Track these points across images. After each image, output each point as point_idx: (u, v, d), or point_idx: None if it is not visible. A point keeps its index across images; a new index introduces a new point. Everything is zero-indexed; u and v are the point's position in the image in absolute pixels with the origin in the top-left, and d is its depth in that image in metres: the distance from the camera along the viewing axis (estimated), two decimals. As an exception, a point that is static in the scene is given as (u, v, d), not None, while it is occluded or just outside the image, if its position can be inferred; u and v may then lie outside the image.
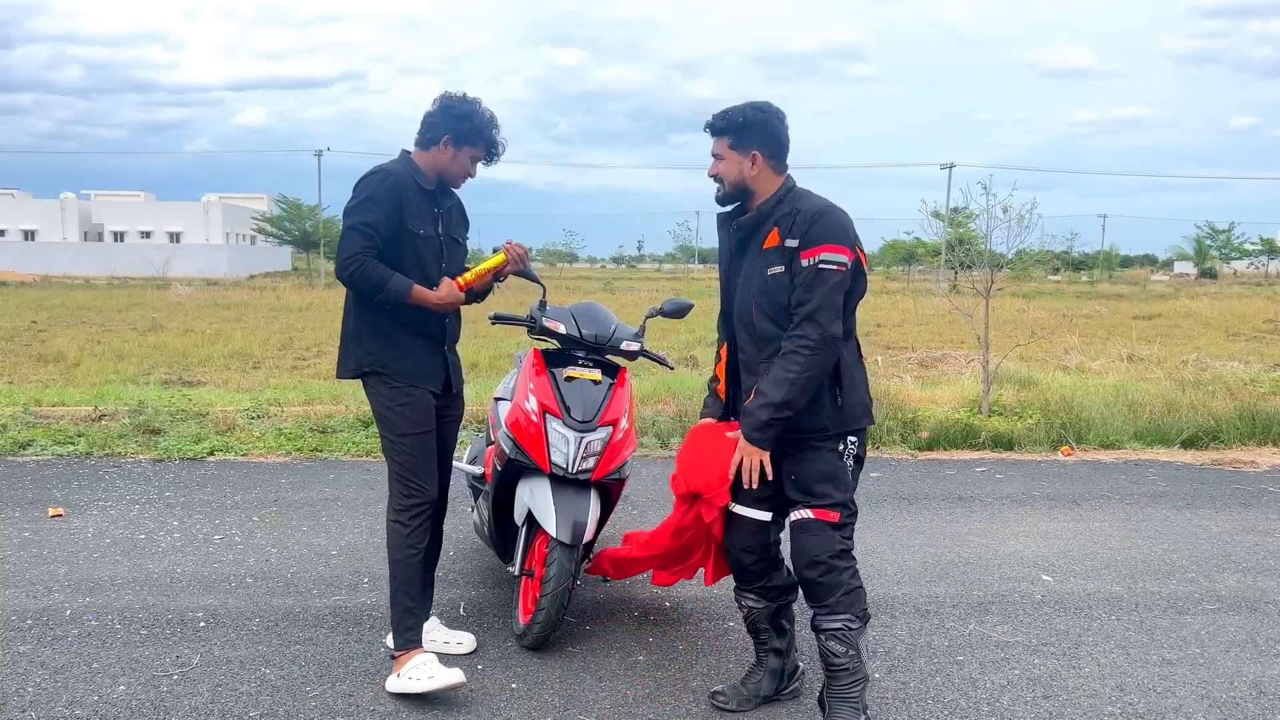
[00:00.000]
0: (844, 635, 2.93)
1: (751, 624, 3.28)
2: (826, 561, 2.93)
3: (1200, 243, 74.72)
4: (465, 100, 3.37)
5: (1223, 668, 3.57)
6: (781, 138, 3.08)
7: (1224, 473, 6.70)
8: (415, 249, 3.32)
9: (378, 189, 3.24)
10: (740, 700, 3.20)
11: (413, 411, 3.35)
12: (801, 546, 2.96)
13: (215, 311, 21.32)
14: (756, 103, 3.09)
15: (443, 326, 3.46)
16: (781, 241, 2.95)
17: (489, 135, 3.39)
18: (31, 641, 3.59)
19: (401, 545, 3.34)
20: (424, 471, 3.38)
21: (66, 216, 65.20)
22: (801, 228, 2.92)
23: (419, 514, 3.36)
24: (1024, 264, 14.98)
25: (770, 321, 2.99)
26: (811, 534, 2.94)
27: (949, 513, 5.57)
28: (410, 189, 3.31)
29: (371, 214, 3.21)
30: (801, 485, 2.99)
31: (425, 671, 3.19)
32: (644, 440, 7.07)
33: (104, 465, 6.28)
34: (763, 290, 2.99)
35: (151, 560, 4.49)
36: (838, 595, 2.93)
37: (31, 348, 13.33)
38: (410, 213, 3.29)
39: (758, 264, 3.02)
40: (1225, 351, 14.07)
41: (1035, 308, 23.50)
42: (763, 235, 3.02)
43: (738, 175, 3.06)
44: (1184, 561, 4.76)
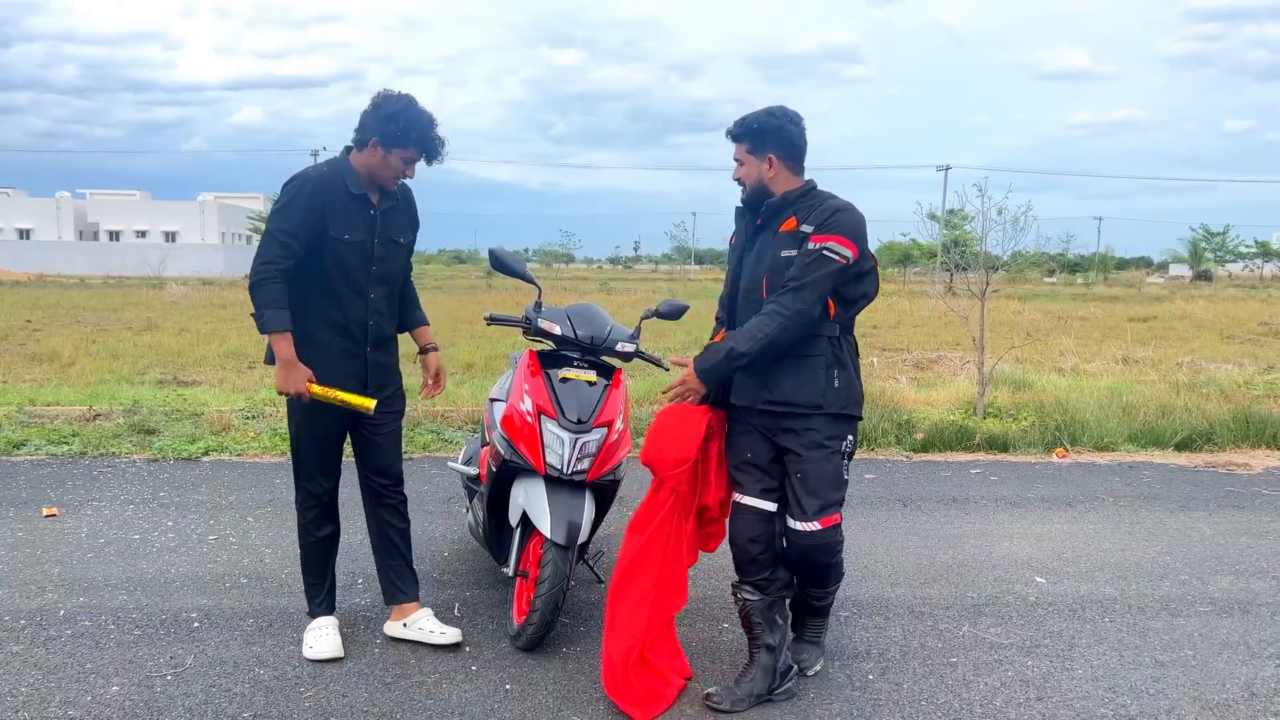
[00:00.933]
0: (829, 595, 3.46)
1: (746, 617, 3.34)
2: (829, 562, 3.29)
3: (1195, 245, 74.92)
4: (397, 99, 3.28)
5: (1215, 669, 3.58)
6: (796, 140, 3.24)
7: (1218, 475, 6.72)
8: (339, 254, 3.30)
9: (298, 194, 3.23)
10: (734, 700, 3.22)
11: (310, 412, 3.39)
12: (808, 554, 3.22)
13: (211, 311, 21.28)
14: (771, 108, 3.26)
15: (364, 327, 3.43)
16: (799, 227, 3.15)
17: (420, 136, 3.29)
18: (25, 642, 3.58)
19: (300, 528, 3.61)
20: (317, 472, 3.53)
21: (62, 215, 65.11)
22: (819, 217, 3.13)
23: (310, 509, 3.56)
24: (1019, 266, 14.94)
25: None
26: (821, 544, 3.20)
27: (943, 514, 5.57)
28: (336, 193, 3.27)
29: (290, 220, 3.21)
30: (810, 488, 3.17)
31: (316, 636, 3.52)
32: (639, 441, 7.05)
33: (98, 465, 6.27)
34: (773, 269, 3.18)
35: (146, 560, 4.48)
36: (833, 577, 3.39)
37: (26, 347, 13.30)
38: (334, 218, 3.26)
39: (772, 244, 3.21)
40: (1220, 354, 14.10)
41: (1031, 310, 23.56)
42: (780, 220, 3.21)
43: (757, 178, 3.25)
44: (1177, 564, 4.77)
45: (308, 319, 3.31)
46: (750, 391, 3.25)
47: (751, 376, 3.23)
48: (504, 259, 3.82)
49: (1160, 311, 25.92)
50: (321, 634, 3.53)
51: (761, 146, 3.23)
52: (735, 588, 3.35)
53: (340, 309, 3.36)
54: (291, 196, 3.23)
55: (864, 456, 6.97)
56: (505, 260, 3.81)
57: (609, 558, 4.64)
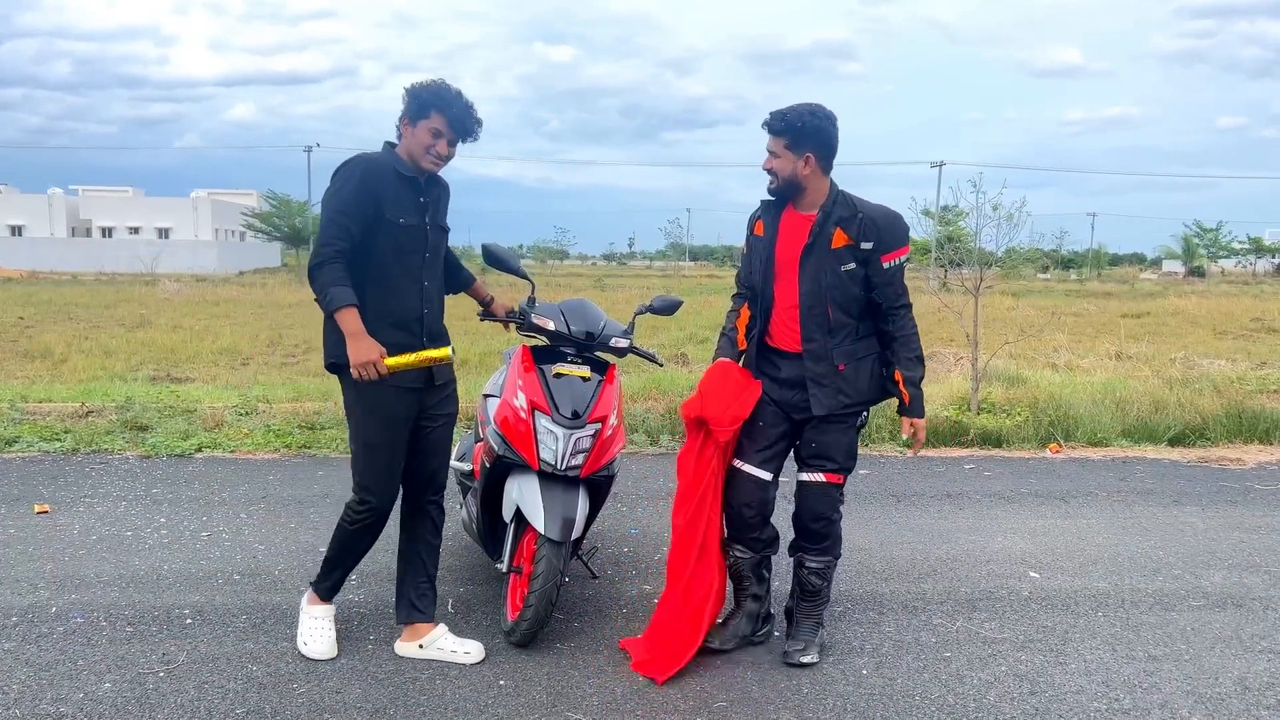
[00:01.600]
0: (824, 571, 3.56)
1: (736, 572, 3.66)
2: (828, 517, 3.52)
3: (1188, 241, 75.13)
4: (426, 82, 3.29)
5: (1208, 664, 3.59)
6: (834, 143, 3.39)
7: (1210, 470, 6.74)
8: (395, 239, 3.26)
9: (351, 176, 3.20)
10: (722, 640, 3.60)
11: (381, 415, 3.30)
12: (810, 505, 3.50)
13: (204, 308, 21.24)
14: (814, 107, 3.38)
15: (420, 320, 3.38)
16: (855, 243, 3.36)
17: (441, 103, 3.25)
18: (16, 639, 3.57)
19: (342, 536, 3.46)
20: (382, 483, 3.36)
21: (54, 212, 64.81)
22: (875, 233, 3.36)
23: (364, 522, 3.39)
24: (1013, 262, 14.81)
25: (843, 312, 3.41)
26: (820, 494, 3.49)
27: (937, 510, 5.58)
28: (388, 177, 3.25)
29: (345, 202, 3.17)
30: (822, 453, 3.48)
31: (312, 631, 3.47)
32: (633, 437, 7.07)
33: (91, 462, 6.24)
34: (837, 285, 3.38)
35: (138, 557, 4.47)
36: (829, 541, 3.55)
37: (19, 344, 13.26)
38: (388, 200, 3.23)
39: (829, 262, 3.38)
40: (1213, 350, 14.14)
41: (1024, 306, 23.60)
42: (828, 235, 3.38)
43: (791, 173, 3.38)
44: (1170, 558, 4.78)
45: (365, 315, 3.20)
46: (828, 399, 3.45)
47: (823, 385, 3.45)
48: (498, 255, 3.80)
49: (1153, 308, 25.98)
50: (318, 629, 3.48)
51: (801, 144, 3.34)
52: (726, 545, 3.64)
53: (398, 300, 3.30)
54: (344, 179, 3.20)
55: (858, 452, 6.97)
56: (499, 256, 3.80)
57: (602, 553, 4.64)
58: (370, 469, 3.35)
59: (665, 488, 5.91)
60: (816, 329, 3.42)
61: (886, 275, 3.39)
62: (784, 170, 3.38)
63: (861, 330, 3.48)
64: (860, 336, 3.48)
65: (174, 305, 21.99)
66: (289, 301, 24.05)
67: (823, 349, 3.43)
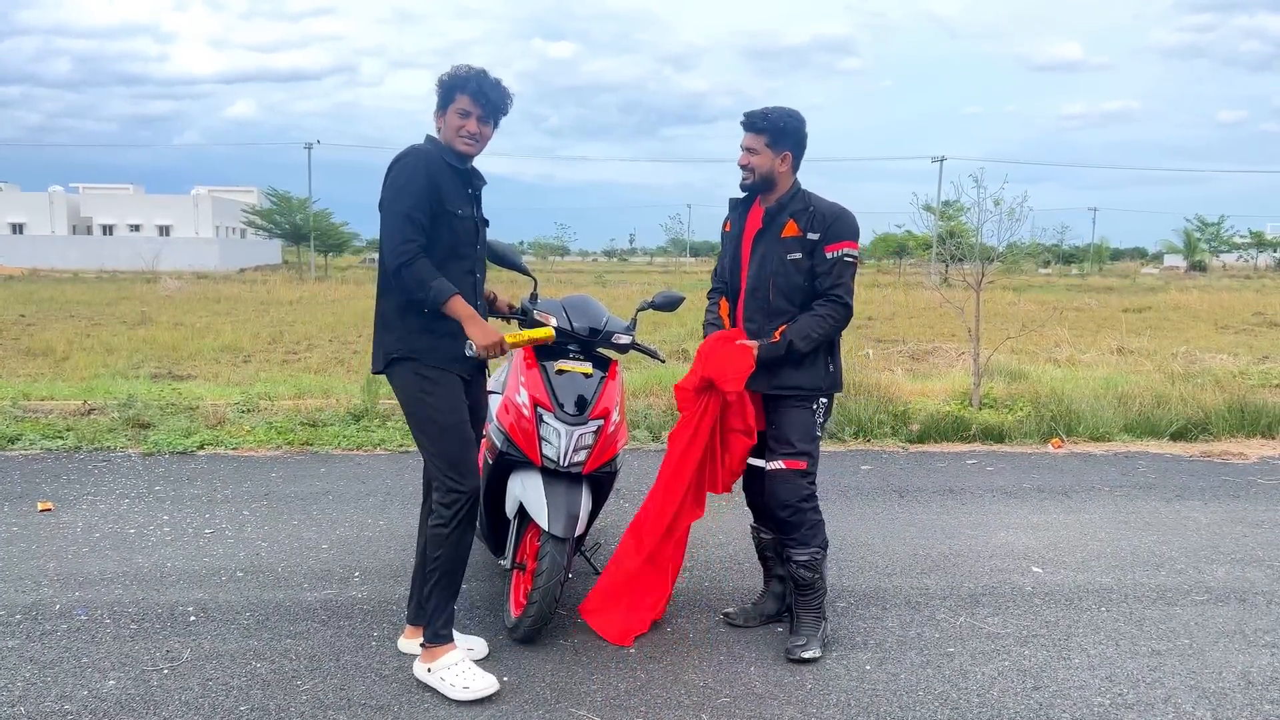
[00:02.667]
0: (811, 563, 3.58)
1: (761, 551, 3.91)
2: (795, 505, 3.56)
3: (1190, 236, 75.02)
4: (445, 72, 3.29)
5: (1211, 658, 3.59)
6: (805, 145, 3.62)
7: (1213, 464, 6.73)
8: (453, 230, 3.24)
9: (416, 170, 3.16)
10: (747, 618, 3.81)
11: (444, 399, 3.24)
12: (774, 493, 3.59)
13: (205, 305, 21.24)
14: (792, 111, 3.57)
15: (481, 314, 3.36)
16: (803, 234, 3.52)
17: (463, 83, 3.23)
18: (20, 636, 3.57)
19: (441, 544, 3.23)
20: (462, 464, 3.23)
21: (55, 210, 64.80)
22: (823, 225, 3.52)
23: (460, 510, 3.21)
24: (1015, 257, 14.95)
25: (784, 298, 3.55)
26: (784, 482, 3.56)
27: (939, 505, 5.58)
28: (444, 169, 3.23)
29: (415, 196, 3.13)
30: (779, 435, 3.58)
31: (460, 676, 3.17)
32: (636, 433, 7.07)
33: (93, 459, 6.25)
34: (781, 272, 3.54)
35: (141, 554, 4.47)
36: (804, 530, 3.57)
37: (20, 341, 13.26)
38: (447, 192, 3.22)
39: (777, 249, 3.56)
40: (1214, 344, 14.13)
41: (1026, 300, 23.59)
42: (780, 224, 3.56)
43: (769, 169, 3.57)
44: (1173, 553, 4.78)
45: (430, 312, 3.17)
46: (761, 380, 3.55)
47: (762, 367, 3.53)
48: (500, 251, 3.80)
49: (1155, 302, 25.97)
50: (464, 672, 3.20)
51: (781, 143, 3.54)
52: (753, 528, 3.92)
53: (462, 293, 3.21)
54: (409, 174, 3.16)
55: (860, 448, 6.98)
56: (501, 253, 3.80)
57: (606, 550, 4.64)
58: (449, 450, 3.22)
59: (667, 484, 5.90)
60: (758, 310, 3.59)
61: (827, 264, 3.51)
62: (762, 166, 3.56)
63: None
64: None
65: (175, 302, 21.99)
66: (290, 298, 24.06)
67: (761, 331, 3.56)
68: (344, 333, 15.44)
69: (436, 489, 3.27)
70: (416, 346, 3.21)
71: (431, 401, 3.23)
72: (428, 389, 3.23)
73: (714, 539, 4.86)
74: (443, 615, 3.27)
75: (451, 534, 3.23)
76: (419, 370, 3.21)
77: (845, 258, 3.52)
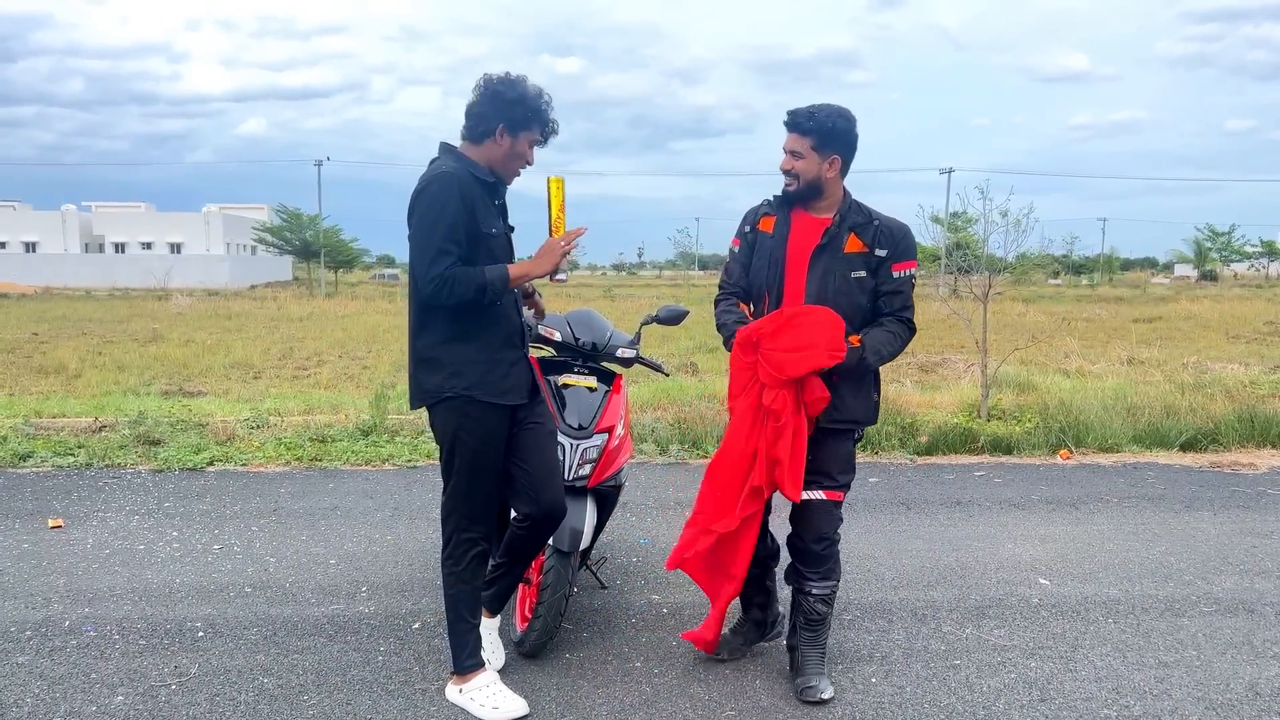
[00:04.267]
0: (829, 597, 3.42)
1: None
2: (830, 537, 3.37)
3: (1200, 245, 74.73)
4: (513, 83, 3.07)
5: (1219, 670, 3.57)
6: (856, 146, 3.29)
7: (1223, 475, 6.70)
8: (490, 250, 3.08)
9: (449, 196, 2.98)
10: (731, 650, 3.63)
11: (484, 439, 3.12)
12: (812, 523, 3.36)
13: (216, 322, 21.35)
14: (843, 110, 3.24)
15: (522, 333, 3.25)
16: (870, 250, 3.26)
17: (545, 115, 3.12)
18: (30, 652, 3.60)
19: (454, 582, 3.21)
20: (488, 508, 3.21)
21: (68, 228, 65.31)
22: (890, 241, 3.27)
23: (469, 551, 3.19)
24: (1023, 268, 14.93)
25: (846, 320, 3.21)
26: (825, 513, 3.35)
27: (947, 517, 5.57)
28: (475, 188, 3.05)
29: (452, 227, 2.97)
30: (820, 467, 3.32)
31: (491, 697, 3.18)
32: (641, 447, 7.08)
33: (104, 476, 6.29)
34: (843, 290, 3.26)
35: (150, 571, 4.50)
36: (830, 564, 3.40)
37: (33, 359, 13.35)
38: (480, 213, 3.05)
39: (839, 265, 3.26)
40: (1225, 354, 14.07)
41: (1035, 311, 23.54)
42: (842, 239, 3.27)
43: (815, 175, 3.24)
44: (1181, 564, 4.76)
45: (475, 334, 3.08)
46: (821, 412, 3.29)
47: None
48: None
49: (1165, 312, 25.88)
50: (493, 694, 3.20)
51: (829, 146, 3.21)
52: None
53: (505, 316, 3.15)
54: (442, 201, 2.97)
55: (867, 460, 6.97)
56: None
57: (611, 564, 4.65)
58: (478, 497, 3.17)
59: (674, 497, 5.91)
60: None
61: (895, 283, 3.30)
62: (808, 172, 3.22)
63: None
64: None
65: (186, 319, 22.12)
66: (300, 315, 24.17)
67: None
68: (353, 348, 15.51)
69: (450, 530, 3.20)
70: (471, 381, 3.06)
71: (472, 443, 3.11)
72: (470, 428, 3.09)
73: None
74: (466, 648, 3.25)
75: (465, 571, 3.21)
76: (467, 409, 3.08)
77: (913, 279, 3.34)
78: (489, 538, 3.25)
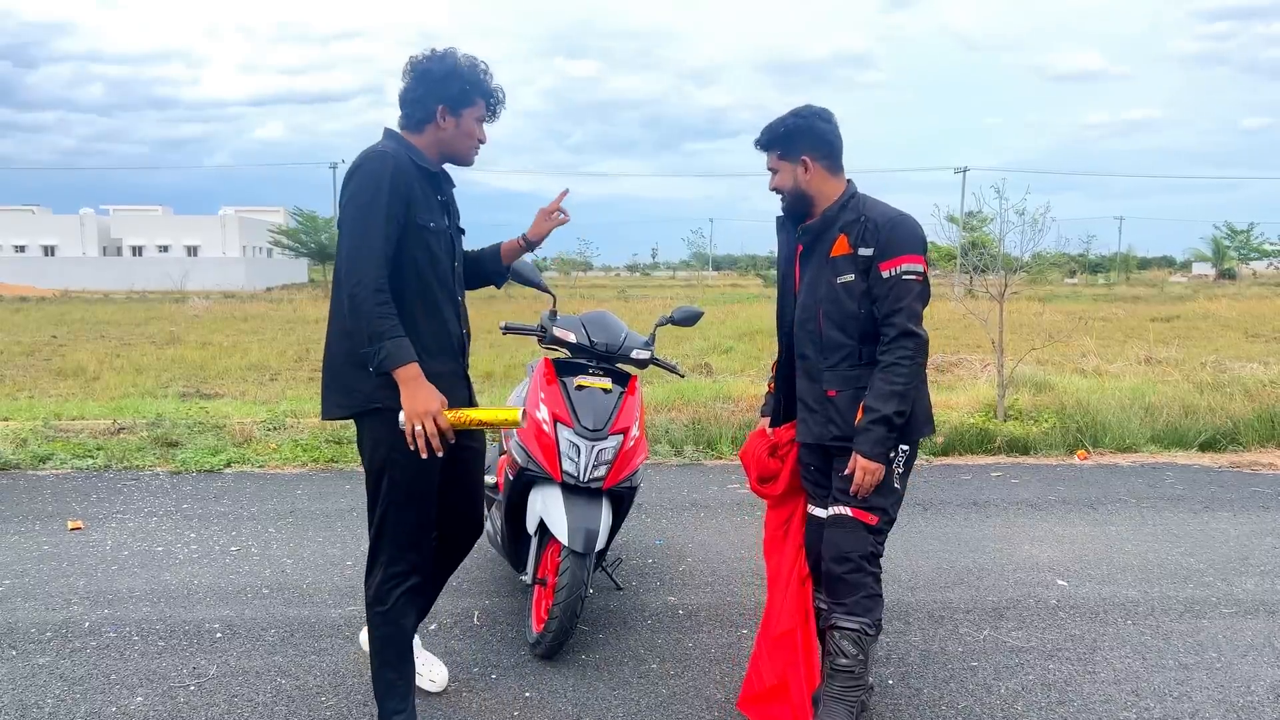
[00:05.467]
0: (859, 638, 2.93)
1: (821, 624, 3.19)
2: (855, 560, 2.94)
3: (1218, 243, 74.12)
4: (441, 57, 2.80)
5: (1240, 672, 3.54)
6: (828, 136, 3.03)
7: (1242, 475, 6.65)
8: (427, 246, 2.80)
9: (380, 182, 2.67)
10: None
11: (422, 464, 2.74)
12: (834, 540, 2.97)
13: (232, 324, 21.47)
14: (797, 109, 3.05)
15: (463, 342, 3.00)
16: (854, 250, 2.92)
17: (485, 85, 2.84)
18: (51, 653, 3.63)
19: (379, 624, 2.87)
20: (421, 538, 2.88)
21: (86, 232, 65.86)
22: (876, 236, 2.89)
23: (400, 585, 2.86)
24: (1040, 267, 14.81)
25: (838, 329, 2.96)
26: (846, 530, 2.95)
27: (964, 518, 5.54)
28: (413, 174, 2.76)
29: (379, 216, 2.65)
30: (848, 486, 2.95)
31: None
32: (656, 448, 7.07)
33: (122, 478, 6.33)
34: (830, 298, 2.96)
35: (169, 572, 4.53)
36: (859, 596, 2.94)
37: (51, 362, 13.46)
38: (417, 202, 2.76)
39: (824, 271, 2.98)
40: (1244, 353, 13.95)
41: (1051, 311, 23.39)
42: (828, 242, 2.98)
43: (793, 184, 3.03)
44: (1201, 565, 4.72)
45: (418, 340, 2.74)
46: (816, 427, 3.03)
47: (813, 411, 3.04)
48: (520, 269, 3.82)
49: (1183, 311, 25.68)
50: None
51: (793, 150, 3.01)
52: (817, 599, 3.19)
53: (440, 322, 2.87)
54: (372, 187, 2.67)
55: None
56: (521, 271, 3.82)
57: (626, 565, 4.65)
58: (407, 526, 2.85)
59: (688, 499, 5.91)
60: (809, 343, 3.04)
61: (883, 284, 2.88)
62: (786, 183, 3.04)
63: (866, 356, 2.96)
64: (864, 363, 2.96)
65: (203, 322, 22.25)
66: (316, 316, 24.26)
67: (814, 368, 3.03)
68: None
69: (380, 561, 2.87)
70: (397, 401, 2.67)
71: (404, 462, 2.75)
72: (399, 449, 2.73)
73: (735, 552, 4.86)
74: (393, 699, 2.92)
75: (390, 612, 2.87)
76: (397, 428, 2.70)
77: (905, 275, 2.86)
78: (422, 568, 2.90)
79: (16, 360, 13.80)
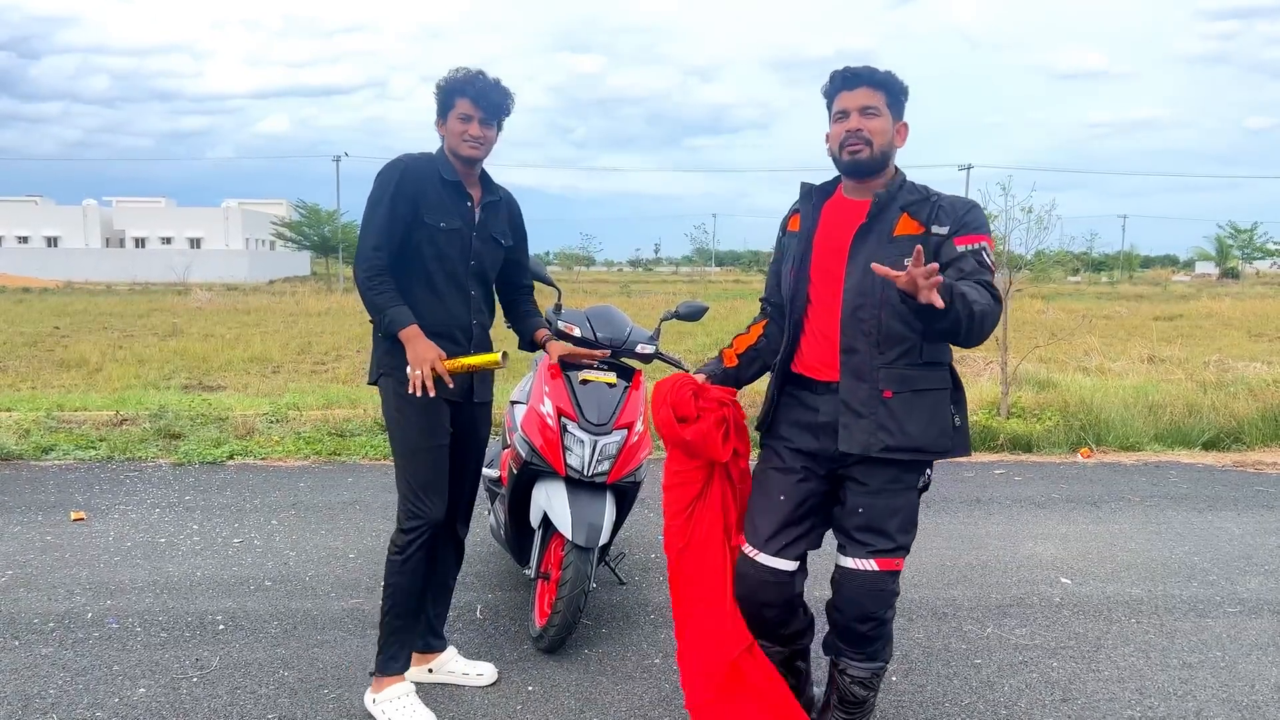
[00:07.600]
0: (871, 680, 2.81)
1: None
2: (879, 617, 2.71)
3: (1222, 243, 74.06)
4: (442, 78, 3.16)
5: (1244, 671, 3.53)
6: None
7: (1246, 474, 6.64)
8: (435, 242, 3.10)
9: (389, 181, 3.07)
10: None
11: (424, 421, 3.08)
12: (856, 600, 2.67)
13: (235, 316, 21.48)
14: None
15: (468, 329, 3.22)
16: (926, 229, 2.58)
17: (461, 83, 3.10)
18: (53, 644, 3.63)
19: (395, 571, 3.12)
20: (430, 490, 3.11)
21: (89, 223, 65.82)
22: (951, 215, 2.59)
23: (418, 538, 3.09)
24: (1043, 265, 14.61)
25: (900, 320, 2.57)
26: (870, 588, 2.66)
27: (967, 515, 5.54)
28: (430, 179, 3.11)
29: (387, 210, 3.04)
30: (872, 523, 2.64)
31: (398, 713, 3.08)
32: (660, 444, 7.06)
33: (125, 470, 6.33)
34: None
35: (171, 564, 4.53)
36: (878, 645, 2.78)
37: (54, 354, 13.47)
38: (428, 203, 3.08)
39: (887, 250, 2.55)
40: (1248, 352, 13.93)
41: (1055, 309, 23.36)
42: (889, 222, 2.62)
43: (887, 141, 2.64)
44: (1205, 564, 4.71)
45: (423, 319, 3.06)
46: (863, 435, 2.61)
47: (860, 416, 2.62)
48: (524, 263, 3.82)
49: (1186, 310, 25.65)
50: (408, 705, 3.11)
51: (899, 107, 2.68)
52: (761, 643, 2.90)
53: (444, 307, 3.15)
54: (383, 185, 3.06)
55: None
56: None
57: (630, 560, 4.65)
58: (418, 476, 3.10)
59: (692, 494, 5.90)
60: (860, 336, 2.61)
61: (958, 255, 2.56)
62: (883, 134, 2.62)
63: (926, 354, 2.62)
64: (924, 362, 2.62)
65: (205, 314, 22.26)
66: (318, 309, 24.29)
67: (866, 365, 2.60)
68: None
69: (399, 513, 3.15)
70: (402, 364, 3.01)
71: (411, 420, 3.09)
72: (404, 408, 3.08)
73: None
74: (390, 647, 3.14)
75: (407, 563, 3.10)
76: (399, 390, 3.05)
77: (984, 254, 2.56)
78: (437, 527, 3.11)
79: (19, 351, 13.81)
